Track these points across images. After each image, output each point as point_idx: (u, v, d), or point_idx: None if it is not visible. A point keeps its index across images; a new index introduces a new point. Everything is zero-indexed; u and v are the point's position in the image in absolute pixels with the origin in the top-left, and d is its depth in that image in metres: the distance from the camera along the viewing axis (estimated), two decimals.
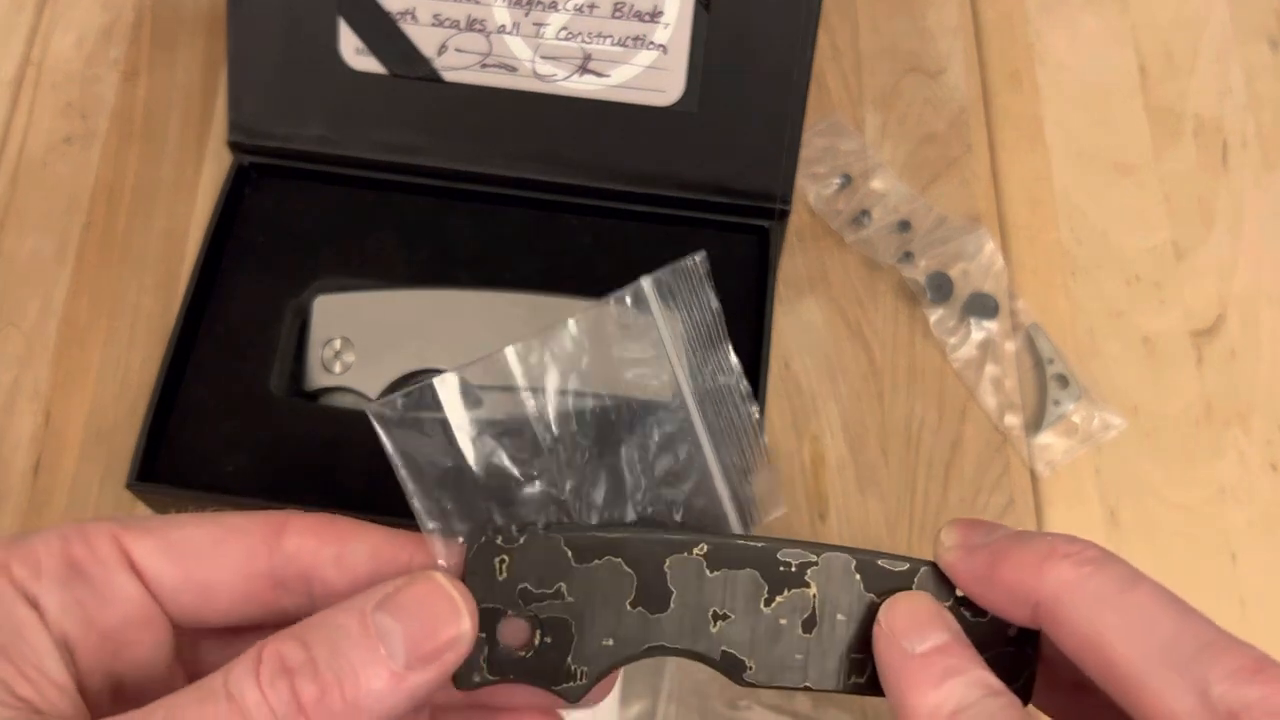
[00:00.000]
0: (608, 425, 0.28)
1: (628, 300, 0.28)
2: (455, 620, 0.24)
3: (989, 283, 0.52)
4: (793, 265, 0.53)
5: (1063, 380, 0.50)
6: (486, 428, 0.26)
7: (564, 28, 0.46)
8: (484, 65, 0.47)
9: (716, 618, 0.27)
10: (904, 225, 0.53)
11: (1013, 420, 0.50)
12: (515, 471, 0.27)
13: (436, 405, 0.26)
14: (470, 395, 0.26)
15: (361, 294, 0.46)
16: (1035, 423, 0.50)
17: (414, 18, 0.46)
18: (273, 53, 0.47)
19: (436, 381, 0.26)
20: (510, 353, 0.27)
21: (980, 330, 0.51)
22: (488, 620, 0.26)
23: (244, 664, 0.23)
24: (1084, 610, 0.24)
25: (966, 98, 0.57)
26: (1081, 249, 0.54)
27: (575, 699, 0.27)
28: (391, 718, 0.23)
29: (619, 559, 0.27)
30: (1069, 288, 0.53)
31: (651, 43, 0.46)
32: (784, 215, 0.48)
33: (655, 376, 0.28)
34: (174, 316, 0.46)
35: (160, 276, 0.51)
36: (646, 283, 0.28)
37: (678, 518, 0.28)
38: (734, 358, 0.28)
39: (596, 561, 0.27)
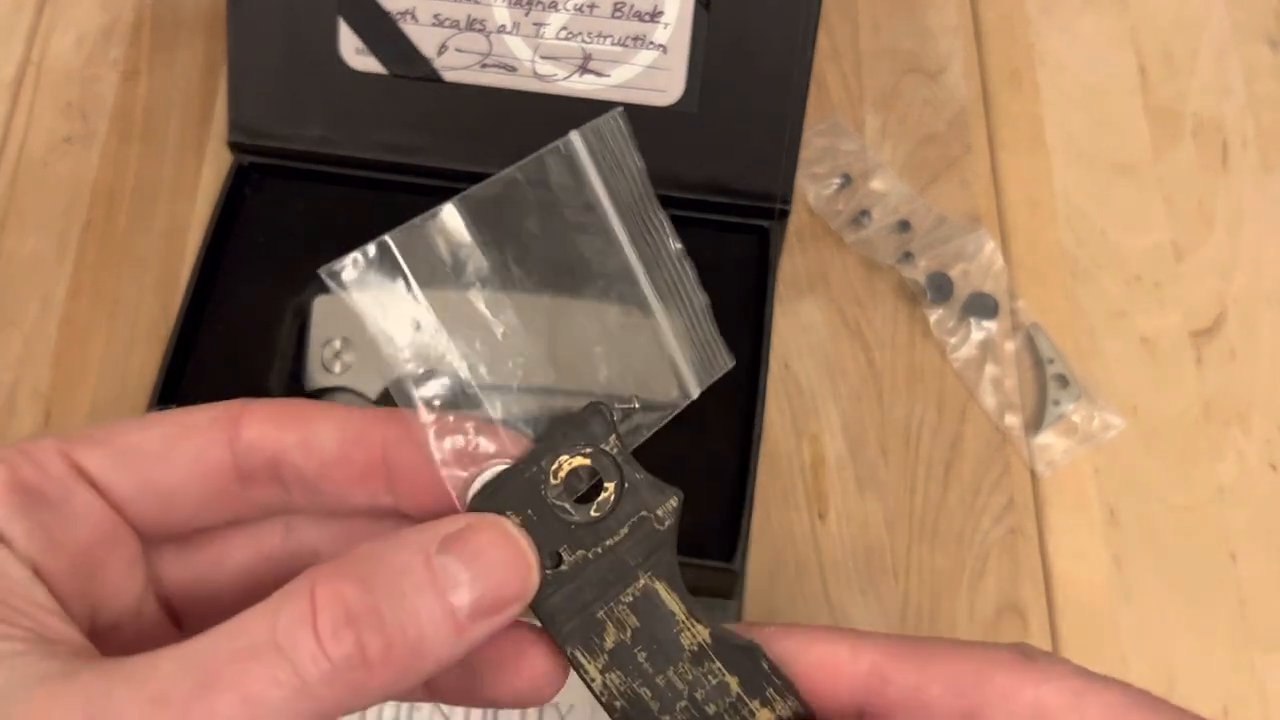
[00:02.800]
0: (559, 282, 0.26)
1: (559, 156, 0.26)
2: (526, 574, 0.23)
3: (989, 283, 0.52)
4: (792, 265, 0.53)
5: (1062, 380, 0.50)
6: (448, 281, 0.25)
7: (564, 28, 0.46)
8: (484, 65, 0.47)
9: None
10: (904, 225, 0.53)
11: (1012, 420, 0.50)
12: (491, 317, 0.25)
13: (393, 265, 0.24)
14: (424, 252, 0.25)
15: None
16: (1035, 423, 0.50)
17: (414, 18, 0.46)
18: (273, 53, 0.47)
19: (389, 237, 0.24)
20: (452, 209, 0.25)
21: (980, 330, 0.51)
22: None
23: (296, 607, 0.20)
24: None
25: (966, 98, 0.57)
26: (1081, 249, 0.54)
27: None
28: (443, 668, 0.22)
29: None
30: (1069, 288, 0.53)
31: (651, 43, 0.46)
32: (784, 215, 0.48)
33: (594, 236, 0.26)
34: (174, 316, 0.46)
35: (160, 276, 0.51)
36: (575, 136, 0.26)
37: (634, 391, 0.27)
38: (664, 214, 0.27)
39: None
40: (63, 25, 0.57)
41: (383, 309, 0.24)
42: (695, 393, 0.26)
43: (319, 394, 0.46)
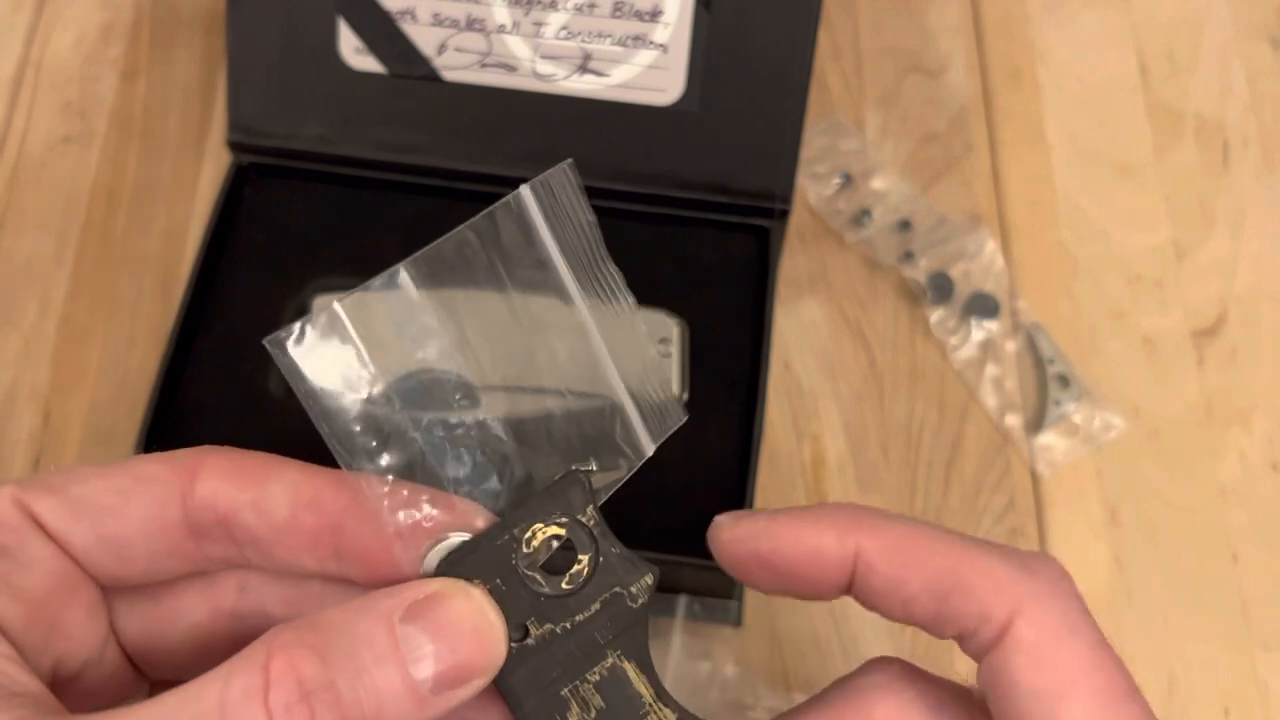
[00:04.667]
0: (517, 343, 0.26)
1: (511, 211, 0.25)
2: (493, 647, 0.22)
3: (990, 282, 0.52)
4: (793, 265, 0.52)
5: (1064, 380, 0.50)
6: (401, 348, 0.24)
7: (564, 27, 0.46)
8: (484, 65, 0.47)
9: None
10: (905, 225, 0.53)
11: (1013, 420, 0.50)
12: (450, 389, 0.24)
13: (342, 332, 0.23)
14: (375, 318, 0.24)
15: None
16: (1036, 423, 0.50)
17: (413, 17, 0.46)
18: (272, 52, 0.47)
19: (337, 304, 0.23)
20: (404, 271, 0.24)
21: (981, 330, 0.51)
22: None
23: (248, 678, 0.20)
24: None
25: (967, 97, 0.57)
26: (1082, 249, 0.54)
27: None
28: None
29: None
30: (1070, 288, 0.53)
31: (651, 42, 0.46)
32: (784, 215, 0.48)
33: (550, 295, 0.26)
34: (173, 316, 0.46)
35: (159, 276, 0.51)
36: (526, 191, 0.25)
37: (590, 466, 0.26)
38: (614, 268, 0.27)
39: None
40: (62, 24, 0.57)
41: (331, 378, 0.23)
42: (649, 450, 0.26)
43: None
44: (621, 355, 0.26)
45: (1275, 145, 0.56)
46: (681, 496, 0.43)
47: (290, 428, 0.45)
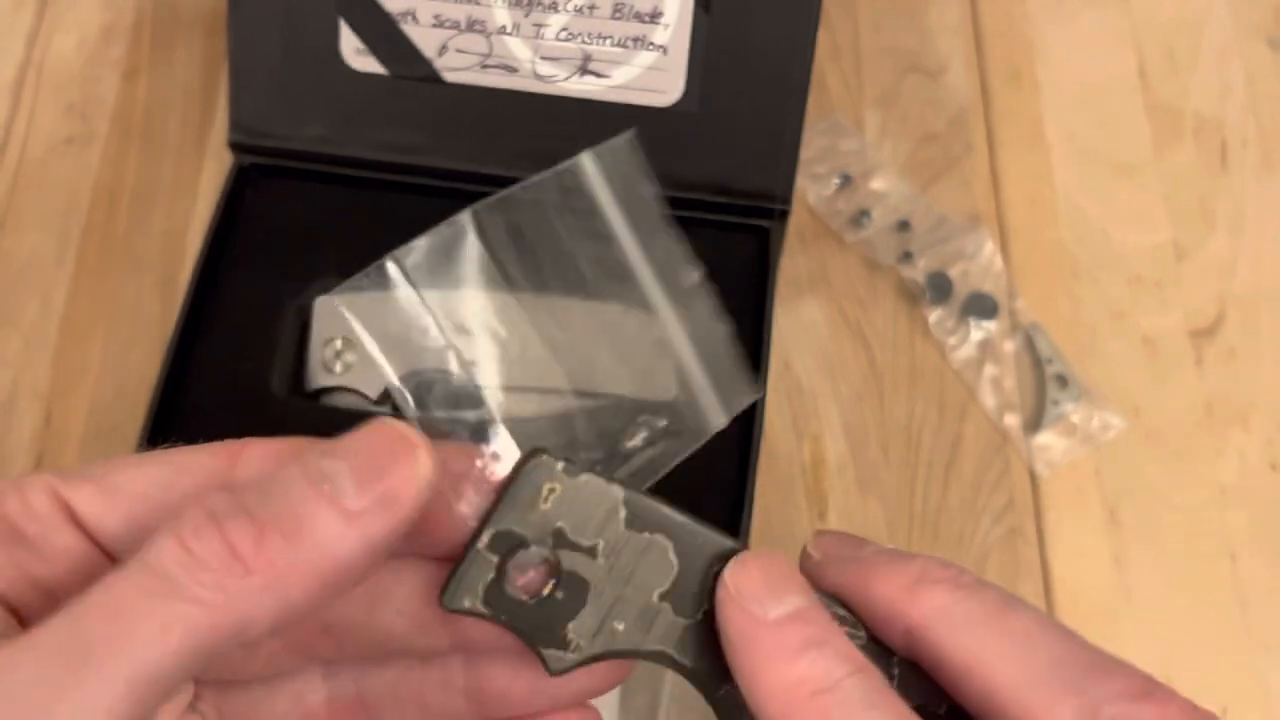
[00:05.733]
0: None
1: (569, 179, 0.25)
2: (409, 453, 0.21)
3: (989, 283, 0.52)
4: (793, 265, 0.53)
5: (1062, 380, 0.50)
6: (458, 300, 0.24)
7: (564, 28, 0.46)
8: (484, 66, 0.47)
9: None
10: (904, 225, 0.53)
11: (1012, 420, 0.50)
12: (502, 333, 0.24)
13: (396, 284, 0.24)
14: (433, 271, 0.24)
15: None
16: (1035, 423, 0.50)
17: (414, 18, 0.46)
18: (273, 53, 0.47)
19: (389, 259, 0.23)
20: (466, 219, 0.24)
21: (980, 330, 0.51)
22: (504, 545, 0.23)
23: (161, 528, 0.20)
24: (962, 634, 0.22)
25: (967, 97, 0.57)
26: (1081, 249, 0.54)
27: (556, 671, 0.24)
28: (351, 569, 0.20)
29: (670, 543, 0.24)
30: (1069, 287, 0.53)
31: (651, 43, 0.46)
32: (784, 215, 0.48)
33: (610, 260, 0.25)
34: (174, 317, 0.46)
35: (160, 277, 0.51)
36: (587, 159, 0.25)
37: (661, 422, 0.26)
38: (680, 240, 0.26)
39: (647, 535, 0.24)
40: (63, 26, 0.57)
41: (385, 321, 0.24)
42: (722, 423, 0.25)
43: (320, 393, 0.46)
44: (690, 329, 0.26)
45: (1274, 145, 0.57)
46: (681, 496, 0.43)
47: (291, 428, 0.45)
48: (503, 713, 0.25)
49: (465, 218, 0.24)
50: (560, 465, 0.24)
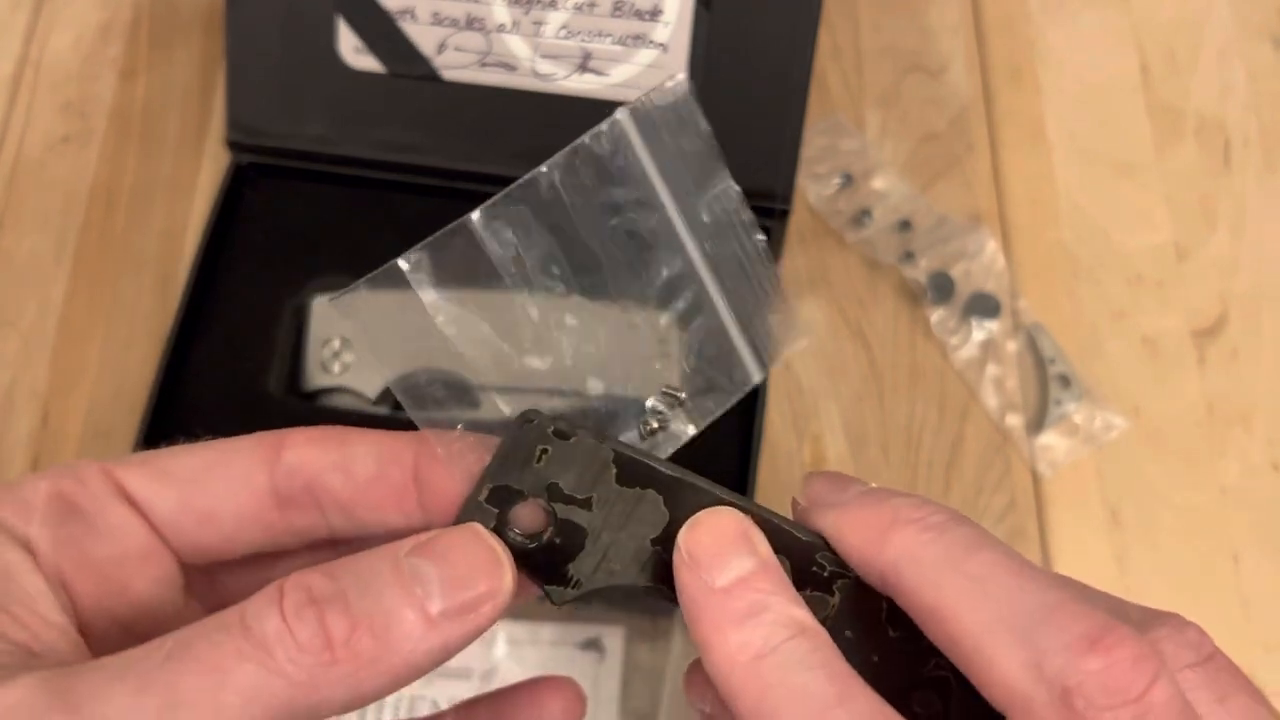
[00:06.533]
0: (599, 279, 0.25)
1: (604, 140, 0.25)
2: (497, 570, 0.23)
3: (990, 282, 0.52)
4: (793, 265, 0.52)
5: (1064, 380, 0.50)
6: (465, 303, 0.24)
7: (564, 26, 0.46)
8: (483, 64, 0.46)
9: None
10: (905, 225, 0.53)
11: (1014, 420, 0.49)
12: (505, 346, 0.25)
13: (405, 286, 0.24)
14: (441, 271, 0.24)
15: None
16: (1037, 423, 0.49)
17: (413, 16, 0.46)
18: (271, 52, 0.47)
19: (401, 260, 0.24)
20: (476, 219, 0.24)
21: (981, 330, 0.51)
22: (504, 498, 0.25)
23: (265, 595, 0.21)
24: (927, 576, 0.22)
25: (968, 97, 0.57)
26: (1083, 248, 0.54)
27: (559, 602, 0.25)
28: (420, 670, 0.22)
29: (661, 496, 0.25)
30: (1070, 287, 0.53)
31: (651, 41, 0.45)
32: (785, 215, 0.48)
33: (647, 219, 0.25)
34: (172, 316, 0.46)
35: (158, 276, 0.51)
36: (623, 115, 0.25)
37: (688, 367, 0.26)
38: (734, 185, 0.26)
39: (637, 489, 0.25)
40: (61, 24, 0.57)
41: (398, 333, 0.24)
42: (758, 377, 0.25)
43: (317, 393, 0.45)
44: (734, 279, 0.26)
45: (1276, 145, 0.56)
46: None
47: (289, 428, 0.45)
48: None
49: (475, 219, 0.24)
50: (551, 428, 0.25)
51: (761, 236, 0.26)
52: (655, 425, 0.25)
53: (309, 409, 0.45)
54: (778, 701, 0.21)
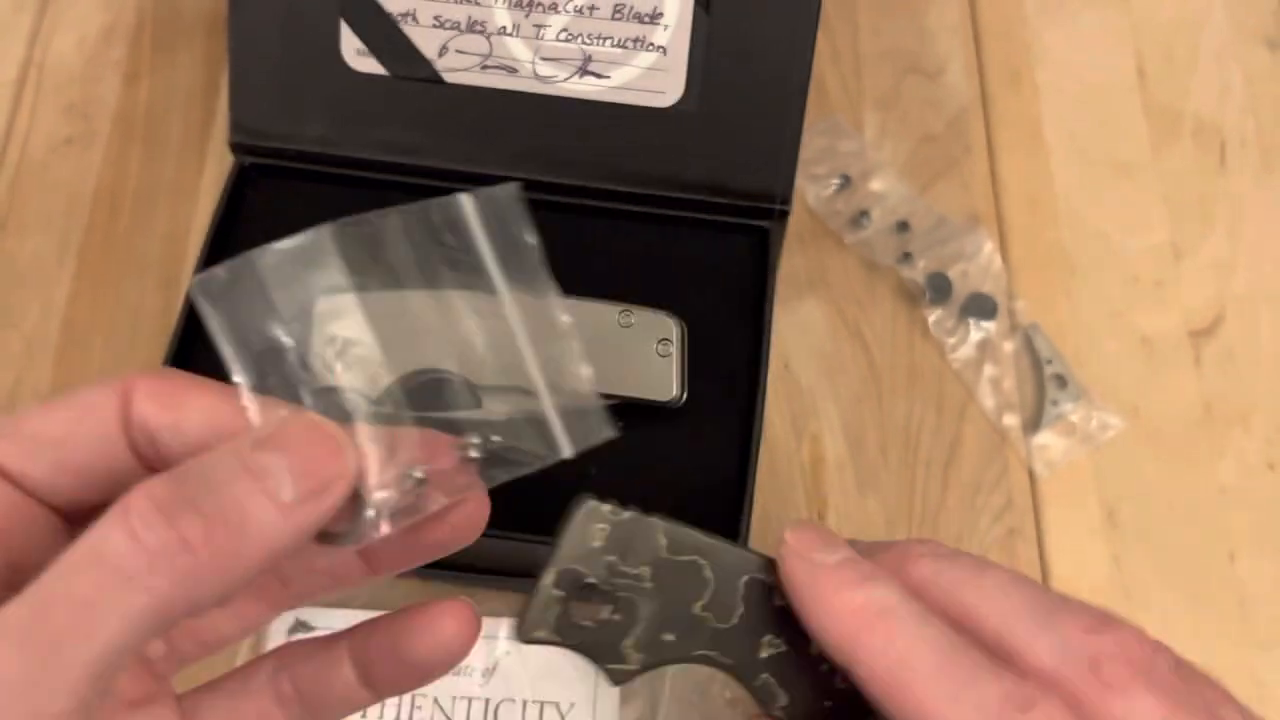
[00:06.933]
0: (433, 321, 0.27)
1: (444, 210, 0.26)
2: (339, 454, 0.23)
3: (988, 283, 0.52)
4: (792, 266, 0.53)
5: (1061, 380, 0.50)
6: (306, 307, 0.26)
7: (564, 29, 0.46)
8: (485, 66, 0.47)
9: (768, 645, 0.28)
10: (903, 226, 0.53)
11: (1011, 420, 0.50)
12: (331, 357, 0.26)
13: (261, 280, 0.25)
14: (295, 273, 0.25)
15: (363, 295, 0.46)
16: (1034, 423, 0.50)
17: (415, 19, 0.46)
18: (274, 54, 0.47)
19: (256, 253, 0.25)
20: (327, 233, 0.25)
21: (979, 331, 0.51)
22: (570, 582, 0.27)
23: (110, 516, 0.21)
24: (949, 591, 0.26)
25: (966, 98, 0.57)
26: (1080, 249, 0.54)
27: (619, 682, 0.28)
28: (281, 556, 0.22)
29: (706, 562, 0.28)
30: (1068, 288, 0.53)
31: (651, 44, 0.46)
32: (784, 216, 0.48)
33: (479, 297, 0.27)
34: (175, 318, 0.46)
35: (161, 277, 0.51)
36: (465, 200, 0.26)
37: (496, 438, 0.27)
38: (560, 300, 0.27)
39: (685, 558, 0.28)
40: (64, 26, 0.57)
41: (244, 320, 0.25)
42: (568, 453, 0.26)
43: (320, 394, 0.46)
44: (547, 360, 0.27)
45: (1273, 146, 0.57)
46: (681, 496, 0.43)
47: None
48: (386, 567, 0.28)
49: (326, 231, 0.25)
50: (607, 508, 0.28)
51: (576, 344, 0.27)
52: (419, 477, 0.25)
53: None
54: (908, 647, 0.25)
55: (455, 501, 0.25)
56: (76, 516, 0.26)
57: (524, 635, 0.27)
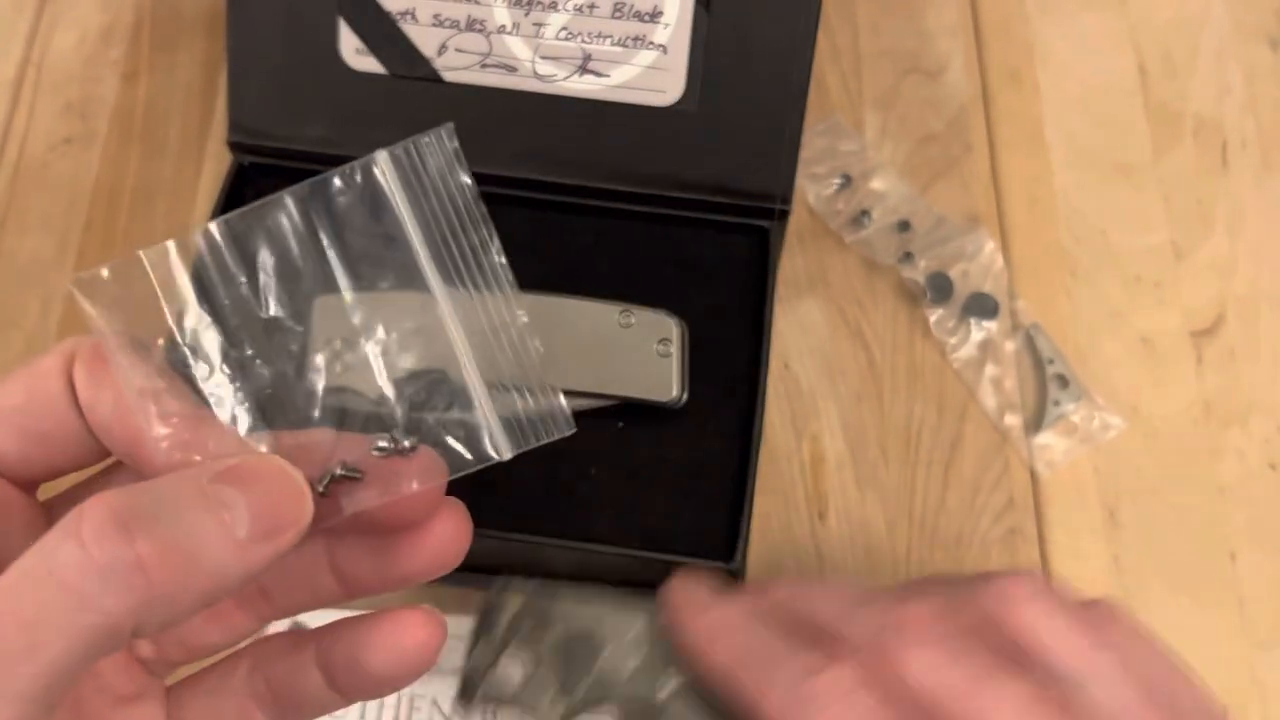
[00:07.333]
0: (338, 314, 0.25)
1: (357, 176, 0.24)
2: (299, 499, 0.23)
3: (989, 283, 0.52)
4: (792, 265, 0.53)
5: (1062, 380, 0.50)
6: (196, 303, 0.24)
7: (564, 28, 0.46)
8: (484, 65, 0.47)
9: (668, 682, 0.32)
10: (904, 225, 0.53)
11: (1012, 420, 0.50)
12: (217, 357, 0.25)
13: (147, 278, 0.24)
14: (182, 269, 0.24)
15: (362, 294, 0.46)
16: (1035, 423, 0.50)
17: (414, 18, 0.46)
18: (273, 53, 0.47)
19: (144, 252, 0.24)
20: (215, 227, 0.24)
21: (980, 330, 0.51)
22: (492, 654, 0.31)
23: (63, 528, 0.21)
24: (796, 602, 0.32)
25: (966, 98, 0.57)
26: (1081, 249, 0.54)
27: None
28: (229, 591, 0.22)
29: (602, 625, 0.32)
30: (1069, 288, 0.53)
31: (651, 43, 0.46)
32: (784, 215, 0.48)
33: (394, 263, 0.25)
34: None
35: None
36: (381, 156, 0.24)
37: (407, 442, 0.25)
38: (497, 247, 0.25)
39: (581, 624, 0.32)
40: (63, 26, 0.57)
41: (131, 320, 0.24)
42: (506, 454, 0.25)
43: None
44: (487, 347, 0.25)
45: (1273, 146, 0.57)
46: (681, 496, 0.43)
47: None
48: (363, 591, 0.27)
49: (211, 226, 0.24)
50: (510, 586, 0.34)
51: (524, 316, 0.25)
52: (341, 474, 0.24)
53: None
54: (741, 647, 0.30)
55: (390, 499, 0.24)
56: (46, 480, 0.26)
57: (463, 697, 0.32)
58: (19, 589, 0.20)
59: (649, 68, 0.46)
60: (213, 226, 0.24)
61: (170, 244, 0.24)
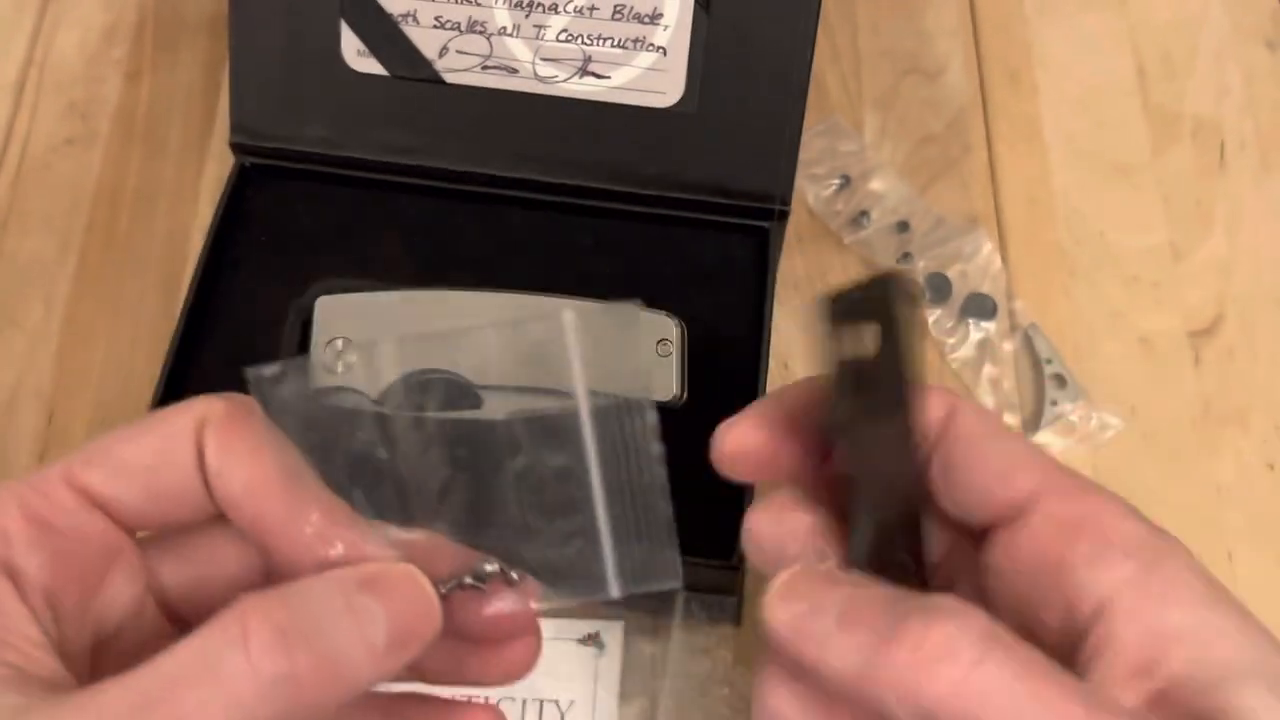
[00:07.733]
0: (491, 441, 0.27)
1: (539, 328, 0.26)
2: (432, 611, 0.25)
3: (987, 283, 0.52)
4: (792, 266, 0.53)
5: (1060, 380, 0.50)
6: (355, 409, 0.26)
7: (564, 30, 0.46)
8: (485, 67, 0.47)
9: None
10: (903, 226, 0.53)
11: (1011, 420, 0.50)
12: (371, 462, 0.26)
13: (304, 380, 0.26)
14: (356, 370, 0.26)
15: (363, 295, 0.47)
16: (1033, 423, 0.50)
17: (415, 20, 0.46)
18: (275, 54, 0.48)
19: (311, 352, 0.25)
20: (392, 347, 0.26)
21: (978, 331, 0.51)
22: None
23: (228, 631, 0.22)
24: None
25: (965, 98, 0.57)
26: (1080, 249, 0.54)
27: None
28: (359, 694, 0.23)
29: None
30: (1067, 288, 0.53)
31: (651, 44, 0.46)
32: (784, 216, 0.48)
33: (552, 404, 0.26)
34: (176, 317, 0.46)
35: (163, 277, 0.51)
36: (569, 317, 0.26)
37: (515, 574, 0.26)
38: (653, 414, 0.27)
39: None
40: (65, 26, 0.57)
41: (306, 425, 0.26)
42: (615, 594, 0.26)
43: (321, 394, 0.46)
44: (622, 496, 0.27)
45: (1272, 146, 0.57)
46: (682, 496, 0.43)
47: None
48: (425, 678, 0.28)
49: (392, 344, 0.27)
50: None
51: (664, 472, 0.27)
52: (470, 583, 0.26)
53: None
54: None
55: (495, 613, 0.26)
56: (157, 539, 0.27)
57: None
58: (177, 684, 0.22)
59: (649, 69, 0.46)
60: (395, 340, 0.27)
61: (367, 346, 0.27)
